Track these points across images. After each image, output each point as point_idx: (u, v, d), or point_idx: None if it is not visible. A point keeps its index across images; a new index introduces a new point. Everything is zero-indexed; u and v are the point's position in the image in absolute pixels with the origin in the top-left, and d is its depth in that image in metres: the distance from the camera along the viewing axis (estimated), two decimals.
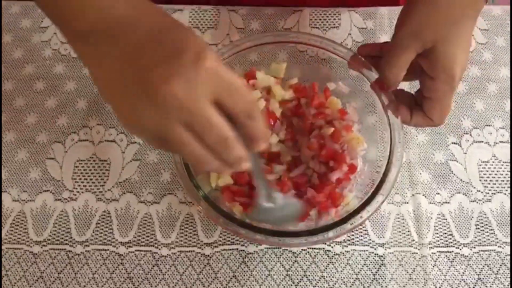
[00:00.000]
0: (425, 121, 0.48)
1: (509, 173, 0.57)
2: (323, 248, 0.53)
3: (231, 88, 0.34)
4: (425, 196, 0.56)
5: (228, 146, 0.34)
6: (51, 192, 0.57)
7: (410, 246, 0.54)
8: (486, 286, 0.52)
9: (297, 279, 0.52)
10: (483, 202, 0.56)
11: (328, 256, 0.53)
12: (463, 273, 0.52)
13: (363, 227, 0.54)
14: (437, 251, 0.53)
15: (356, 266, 0.53)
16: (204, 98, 0.32)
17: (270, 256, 0.53)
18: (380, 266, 0.53)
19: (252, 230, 0.44)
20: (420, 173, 0.57)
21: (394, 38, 0.46)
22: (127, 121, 0.35)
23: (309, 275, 0.52)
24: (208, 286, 0.52)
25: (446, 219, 0.55)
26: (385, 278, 0.52)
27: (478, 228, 0.55)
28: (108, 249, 0.54)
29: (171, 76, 0.31)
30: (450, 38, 0.43)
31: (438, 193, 0.56)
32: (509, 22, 0.67)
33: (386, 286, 0.52)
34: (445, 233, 0.54)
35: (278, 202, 0.46)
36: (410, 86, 0.59)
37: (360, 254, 0.53)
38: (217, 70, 0.33)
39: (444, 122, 0.49)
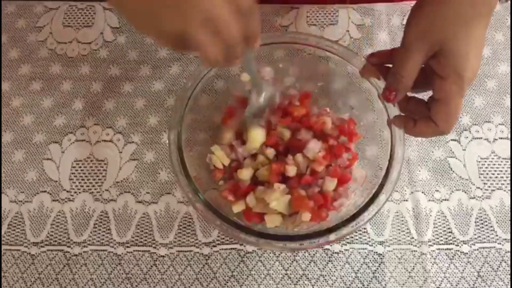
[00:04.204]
0: (430, 128, 0.46)
1: (509, 170, 0.57)
2: (322, 247, 0.53)
3: None
4: (424, 194, 0.56)
5: (235, 43, 0.37)
6: (48, 192, 0.57)
7: (409, 244, 0.53)
8: (486, 283, 0.51)
9: (296, 278, 0.52)
10: (483, 199, 0.56)
11: (327, 255, 0.53)
12: (463, 270, 0.52)
13: None
14: (437, 249, 0.53)
15: (356, 264, 0.52)
16: None
17: (268, 255, 0.53)
18: (379, 264, 0.52)
19: (251, 234, 0.44)
20: (419, 171, 0.57)
21: (402, 43, 0.45)
22: (145, 24, 0.36)
23: (308, 274, 0.52)
24: (207, 286, 0.52)
25: (445, 217, 0.55)
26: (384, 276, 0.52)
27: (478, 225, 0.54)
28: (106, 250, 0.54)
29: None
30: (459, 37, 0.42)
31: (437, 190, 0.56)
32: (508, 18, 0.67)
33: (385, 284, 0.51)
34: (445, 231, 0.54)
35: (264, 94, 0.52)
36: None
37: (359, 253, 0.53)
38: None
39: (450, 130, 0.45)
